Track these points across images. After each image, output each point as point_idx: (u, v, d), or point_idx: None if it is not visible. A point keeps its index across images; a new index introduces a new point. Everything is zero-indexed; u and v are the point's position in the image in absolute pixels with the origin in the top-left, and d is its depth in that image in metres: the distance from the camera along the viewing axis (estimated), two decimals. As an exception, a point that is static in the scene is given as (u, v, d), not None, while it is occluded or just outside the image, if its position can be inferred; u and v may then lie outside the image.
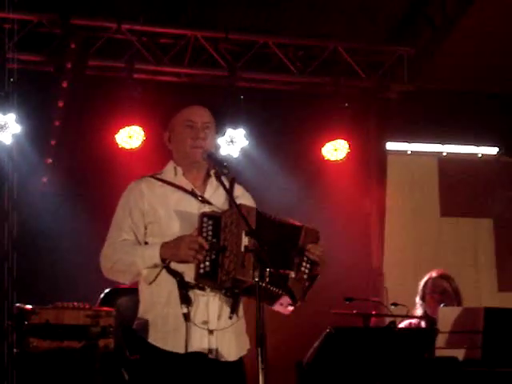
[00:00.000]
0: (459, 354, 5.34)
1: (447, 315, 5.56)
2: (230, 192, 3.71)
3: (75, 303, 5.48)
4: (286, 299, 3.68)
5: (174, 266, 3.66)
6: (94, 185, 7.16)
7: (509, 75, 8.21)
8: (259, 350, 3.39)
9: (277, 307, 3.73)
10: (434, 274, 6.24)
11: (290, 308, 3.73)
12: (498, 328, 5.36)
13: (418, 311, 6.18)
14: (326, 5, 7.54)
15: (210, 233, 3.59)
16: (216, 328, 3.67)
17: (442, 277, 6.21)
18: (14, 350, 5.24)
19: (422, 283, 6.23)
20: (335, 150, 7.64)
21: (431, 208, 8.54)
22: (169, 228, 3.71)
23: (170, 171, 3.86)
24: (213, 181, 3.82)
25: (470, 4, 7.41)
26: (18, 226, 6.33)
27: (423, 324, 6.08)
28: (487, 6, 7.40)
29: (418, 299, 6.21)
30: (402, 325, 6.14)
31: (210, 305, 3.68)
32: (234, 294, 3.66)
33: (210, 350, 3.66)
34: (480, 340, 5.29)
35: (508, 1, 7.35)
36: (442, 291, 6.16)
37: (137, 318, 3.77)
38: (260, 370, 3.39)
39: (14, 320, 5.29)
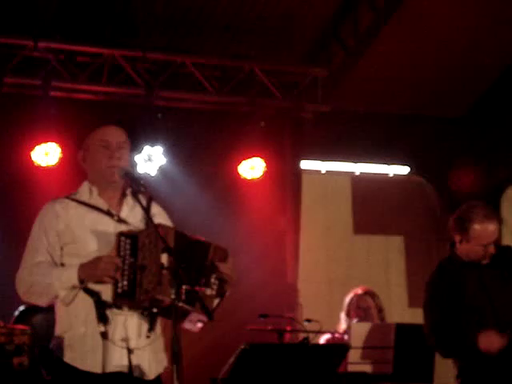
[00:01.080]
0: (371, 368, 5.45)
1: (360, 330, 5.67)
2: (147, 210, 3.70)
3: (-11, 320, 5.41)
4: (195, 316, 3.69)
5: (90, 285, 3.62)
6: (10, 201, 7.07)
7: (418, 97, 8.43)
8: (175, 367, 3.37)
9: (186, 325, 3.73)
10: (359, 290, 6.36)
11: (200, 325, 3.74)
12: (409, 343, 5.48)
13: (343, 326, 6.27)
14: (243, 26, 7.64)
15: (128, 252, 3.56)
16: (135, 346, 3.64)
17: (366, 293, 6.34)
18: None
19: (347, 299, 6.35)
20: (251, 168, 7.71)
21: (344, 225, 8.69)
22: (85, 248, 3.68)
23: (85, 191, 3.82)
24: (129, 200, 3.81)
25: (381, 28, 7.60)
26: None
27: (346, 337, 6.16)
28: (397, 32, 7.59)
29: (342, 315, 6.33)
30: (322, 340, 6.22)
31: (128, 323, 3.66)
32: (151, 313, 3.65)
33: (130, 368, 3.63)
34: (391, 355, 5.40)
35: (417, 26, 7.55)
36: (366, 308, 6.28)
37: (53, 337, 3.72)
38: None
39: None
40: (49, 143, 7.06)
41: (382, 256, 8.73)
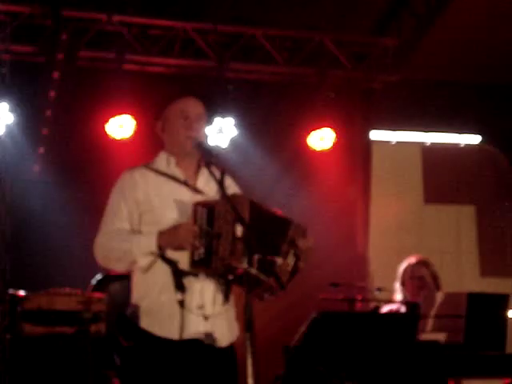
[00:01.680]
0: (442, 338, 5.46)
1: (428, 299, 5.68)
2: (221, 182, 3.75)
3: (67, 289, 5.55)
4: (266, 287, 3.75)
5: (168, 253, 3.70)
6: (86, 174, 7.23)
7: (494, 65, 8.34)
8: (248, 335, 3.43)
9: (257, 294, 3.77)
10: (412, 259, 6.32)
11: (270, 296, 3.80)
12: (480, 312, 5.46)
13: (398, 296, 6.27)
14: (313, -3, 7.66)
15: (204, 221, 3.63)
16: (211, 313, 3.72)
17: (420, 263, 6.28)
18: (7, 336, 5.28)
19: (401, 269, 6.32)
20: (321, 139, 7.75)
21: (415, 195, 8.68)
22: (163, 217, 3.75)
23: (162, 161, 3.89)
24: (204, 171, 3.86)
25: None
26: (10, 214, 6.40)
27: (403, 309, 6.17)
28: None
29: (397, 285, 6.30)
30: (383, 310, 6.25)
31: (204, 291, 3.73)
32: (226, 280, 3.74)
33: (205, 336, 3.71)
34: (463, 324, 5.39)
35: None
36: (421, 277, 6.23)
37: (130, 304, 3.79)
38: (249, 355, 3.42)
39: (7, 306, 5.34)
40: (123, 116, 7.19)
41: (452, 225, 8.71)
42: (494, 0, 7.58)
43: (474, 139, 8.93)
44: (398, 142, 8.71)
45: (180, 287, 3.67)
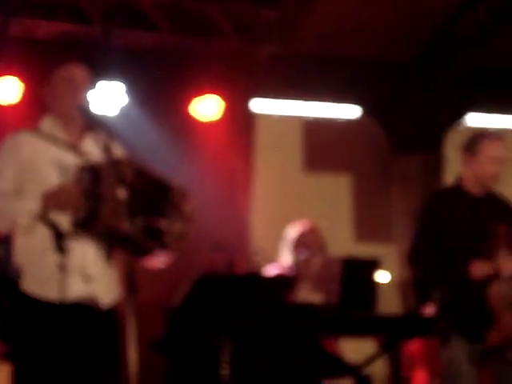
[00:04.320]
0: (318, 300, 5.66)
1: (307, 264, 5.88)
2: (106, 146, 3.80)
3: None
4: (156, 253, 3.86)
5: (50, 215, 3.73)
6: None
7: (375, 39, 8.60)
8: (130, 296, 3.56)
9: (146, 261, 3.88)
10: (301, 225, 6.49)
11: (160, 262, 3.90)
12: (355, 276, 5.66)
13: (286, 259, 6.44)
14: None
15: (88, 184, 3.70)
16: (92, 275, 3.79)
17: (310, 229, 6.47)
18: None
19: (289, 234, 6.48)
20: (207, 108, 7.84)
21: (296, 165, 8.90)
22: (47, 179, 3.80)
23: (47, 125, 3.96)
24: (89, 135, 3.93)
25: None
26: None
27: (286, 272, 6.34)
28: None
29: (284, 249, 6.47)
30: (269, 272, 6.39)
31: (85, 253, 3.80)
32: (109, 242, 3.82)
33: (86, 297, 3.77)
34: (338, 287, 5.60)
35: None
36: (309, 243, 6.40)
37: (12, 266, 3.82)
38: (131, 317, 3.56)
39: None
40: (9, 78, 7.09)
41: (330, 193, 8.97)
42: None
43: (354, 112, 9.18)
44: (280, 113, 8.89)
45: (61, 249, 3.68)
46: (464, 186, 4.90)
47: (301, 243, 6.39)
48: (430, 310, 6.19)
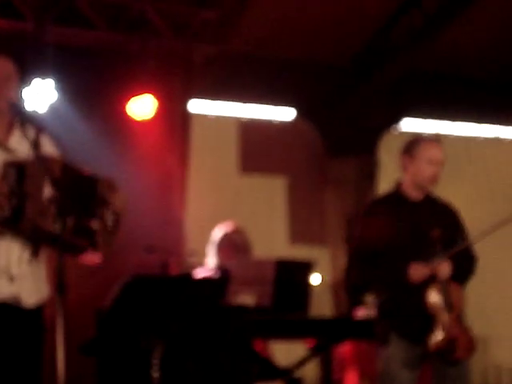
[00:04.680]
0: (251, 302, 5.65)
1: (239, 265, 5.86)
2: (34, 142, 3.71)
3: None
4: (90, 250, 3.82)
5: None
6: None
7: (308, 41, 8.63)
8: (59, 297, 3.47)
9: (82, 258, 3.83)
10: (227, 227, 6.49)
11: (95, 259, 3.87)
12: (288, 278, 5.65)
13: (211, 261, 6.44)
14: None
15: (14, 181, 3.61)
16: (17, 274, 3.71)
17: (234, 230, 6.46)
18: None
19: (215, 235, 6.47)
20: (142, 107, 7.78)
21: (232, 166, 8.89)
22: None
23: None
24: (17, 131, 3.82)
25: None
26: None
27: (216, 274, 6.33)
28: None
29: (211, 250, 6.46)
30: (197, 275, 6.37)
31: (9, 251, 3.72)
32: (35, 241, 3.74)
33: (10, 297, 3.70)
34: (271, 289, 5.60)
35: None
36: (234, 244, 6.39)
37: None
38: (59, 318, 3.45)
39: None
40: None
41: (266, 195, 8.99)
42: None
43: (290, 113, 9.20)
44: (216, 116, 8.87)
45: (-17, 248, 3.58)
46: (403, 190, 4.93)
47: (225, 245, 6.38)
48: (361, 312, 6.23)
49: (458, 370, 4.76)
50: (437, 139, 4.98)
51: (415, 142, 4.91)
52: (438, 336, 4.66)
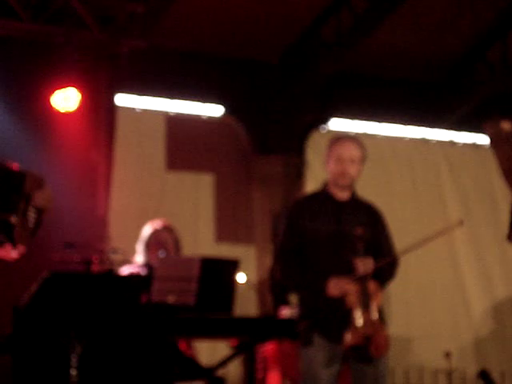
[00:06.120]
0: (174, 300, 5.57)
1: (165, 263, 5.80)
2: None
3: None
4: (8, 245, 3.71)
5: None
6: None
7: (240, 38, 8.59)
8: None
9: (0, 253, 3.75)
10: (156, 224, 6.45)
11: (13, 254, 3.76)
12: (212, 276, 5.59)
13: (139, 258, 6.39)
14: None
15: None
16: None
17: (164, 228, 6.43)
18: None
19: (144, 232, 6.43)
20: (66, 100, 7.65)
21: (158, 162, 8.77)
22: None
23: None
24: None
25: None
26: None
27: (143, 271, 6.26)
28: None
29: (139, 247, 6.42)
30: (124, 272, 6.30)
31: None
32: None
33: None
34: (195, 287, 5.53)
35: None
36: (163, 242, 6.37)
37: None
38: None
39: None
40: None
41: (192, 192, 8.90)
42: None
43: (217, 111, 9.14)
44: (143, 110, 8.77)
45: None
46: (328, 190, 4.98)
47: (154, 242, 6.33)
48: (286, 312, 6.21)
49: (375, 369, 4.80)
50: (350, 138, 5.09)
51: (330, 142, 5.00)
52: (354, 332, 4.70)
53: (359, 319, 4.70)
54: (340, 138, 5.05)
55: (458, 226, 5.12)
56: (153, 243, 6.36)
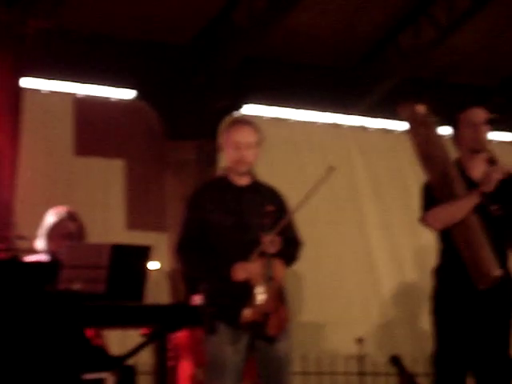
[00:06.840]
0: (83, 287, 5.45)
1: (74, 250, 5.67)
2: None
3: None
4: None
5: None
6: None
7: (151, 20, 8.45)
8: None
9: None
10: (60, 212, 6.30)
11: None
12: (123, 263, 5.51)
13: (41, 246, 6.24)
14: None
15: None
16: None
17: (68, 216, 6.29)
18: None
19: (48, 219, 6.28)
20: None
21: (65, 147, 8.56)
22: None
23: None
24: None
25: None
26: None
27: (47, 259, 6.13)
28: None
29: (42, 234, 6.26)
30: (28, 259, 6.15)
31: None
32: None
33: None
34: (105, 275, 5.42)
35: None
36: (68, 229, 6.22)
37: None
38: None
39: None
40: None
41: (101, 178, 8.71)
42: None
43: (129, 94, 8.98)
44: (49, 92, 8.54)
45: None
46: (228, 177, 5.02)
47: (57, 231, 6.18)
48: (198, 300, 6.14)
49: (279, 353, 4.85)
50: (247, 122, 5.06)
51: (226, 126, 5.03)
52: (253, 308, 4.73)
53: (260, 295, 4.73)
54: (235, 122, 5.06)
55: (331, 173, 5.13)
56: (55, 232, 6.21)
